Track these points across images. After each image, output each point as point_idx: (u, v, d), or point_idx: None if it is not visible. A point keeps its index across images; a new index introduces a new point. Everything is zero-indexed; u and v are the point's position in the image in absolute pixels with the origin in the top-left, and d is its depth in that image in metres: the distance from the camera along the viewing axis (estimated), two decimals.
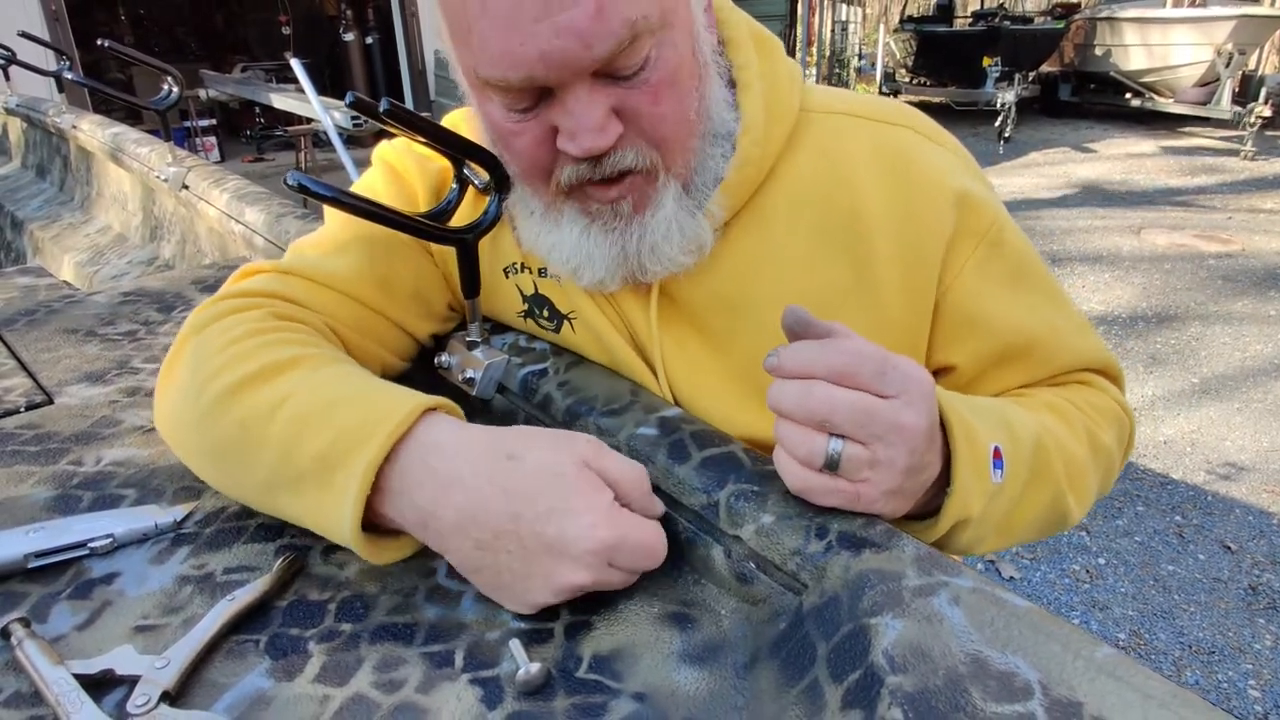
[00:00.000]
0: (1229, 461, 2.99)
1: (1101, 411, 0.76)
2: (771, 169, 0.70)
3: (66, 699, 0.48)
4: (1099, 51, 9.68)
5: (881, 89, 11.17)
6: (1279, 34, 9.78)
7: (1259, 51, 9.16)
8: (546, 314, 0.79)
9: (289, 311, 0.72)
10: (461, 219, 0.68)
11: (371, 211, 0.61)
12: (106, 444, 0.79)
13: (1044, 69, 10.46)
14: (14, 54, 2.75)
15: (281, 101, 6.07)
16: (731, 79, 0.70)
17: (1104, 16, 9.54)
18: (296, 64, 4.73)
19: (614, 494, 0.55)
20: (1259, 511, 2.70)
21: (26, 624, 0.54)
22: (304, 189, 0.56)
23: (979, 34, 10.17)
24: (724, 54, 0.69)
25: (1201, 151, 8.18)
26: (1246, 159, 7.75)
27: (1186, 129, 9.21)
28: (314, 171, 5.77)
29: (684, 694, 0.49)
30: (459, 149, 0.63)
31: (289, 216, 1.35)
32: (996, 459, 0.60)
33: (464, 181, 0.67)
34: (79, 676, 0.50)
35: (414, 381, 0.69)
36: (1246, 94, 8.56)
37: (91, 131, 2.35)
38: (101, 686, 0.50)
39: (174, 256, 1.97)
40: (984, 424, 0.60)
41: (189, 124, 7.70)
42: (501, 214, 0.67)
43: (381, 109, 0.57)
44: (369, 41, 8.46)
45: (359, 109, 0.57)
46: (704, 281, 0.71)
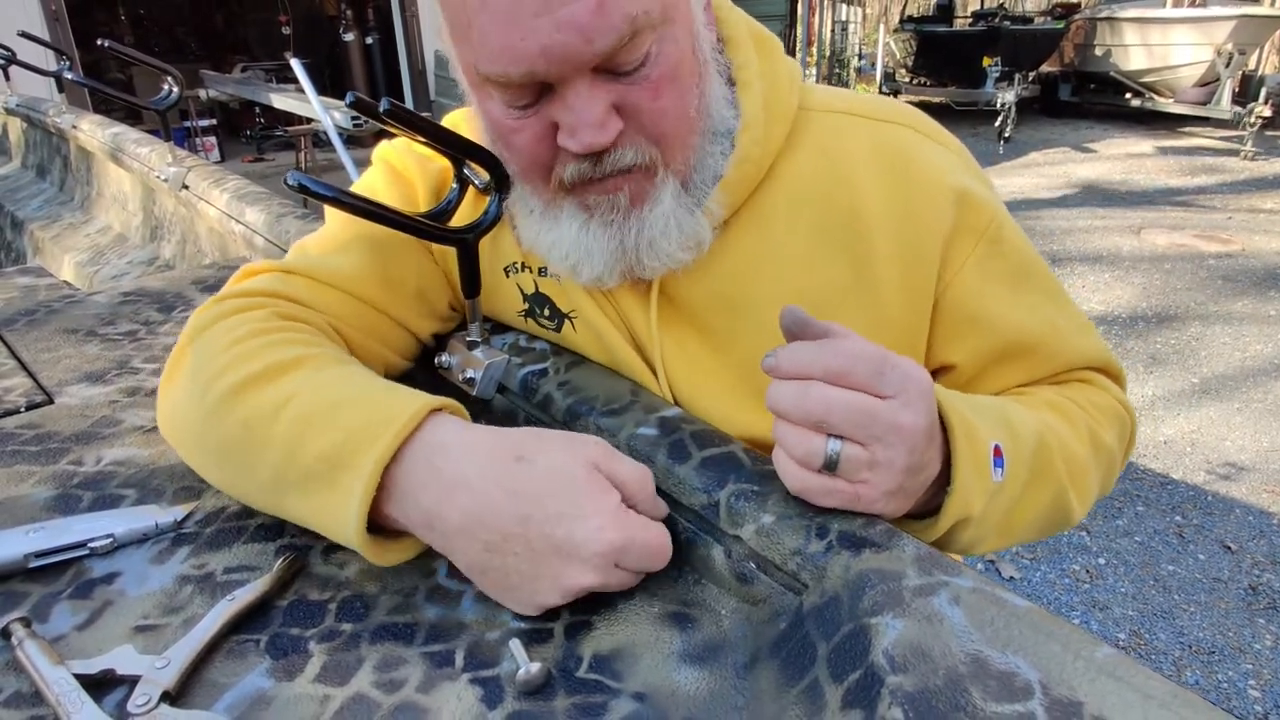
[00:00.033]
0: (1229, 461, 2.99)
1: (1103, 410, 0.75)
2: (771, 167, 0.70)
3: (67, 699, 0.48)
4: (1099, 51, 9.68)
5: (881, 89, 11.16)
6: (1279, 34, 9.78)
7: (1259, 51, 9.16)
8: (547, 313, 0.79)
9: (292, 311, 0.72)
10: (462, 219, 0.68)
11: (372, 211, 0.61)
12: (107, 444, 0.79)
13: (1044, 69, 10.46)
14: (14, 54, 2.75)
15: (281, 101, 6.07)
16: (731, 77, 0.70)
17: (1104, 16, 9.54)
18: (296, 64, 4.73)
19: (621, 496, 0.55)
20: (1259, 511, 2.70)
21: (27, 624, 0.54)
22: (304, 189, 0.56)
23: (979, 34, 10.17)
24: (723, 52, 0.69)
25: (1201, 151, 8.18)
26: (1246, 159, 7.75)
27: (1186, 129, 9.21)
28: (314, 171, 5.76)
29: (684, 694, 0.49)
30: (459, 149, 0.63)
31: (289, 216, 1.35)
32: (997, 457, 0.60)
33: (464, 181, 0.67)
34: (79, 676, 0.50)
35: (416, 381, 0.69)
36: (1246, 94, 8.56)
37: (91, 131, 2.35)
38: (102, 686, 0.50)
39: (174, 256, 1.96)
40: (984, 422, 0.60)
41: (189, 124, 7.70)
42: (502, 214, 0.67)
43: (381, 109, 0.57)
44: (369, 41, 8.47)
45: (359, 109, 0.57)
46: (703, 281, 0.71)
